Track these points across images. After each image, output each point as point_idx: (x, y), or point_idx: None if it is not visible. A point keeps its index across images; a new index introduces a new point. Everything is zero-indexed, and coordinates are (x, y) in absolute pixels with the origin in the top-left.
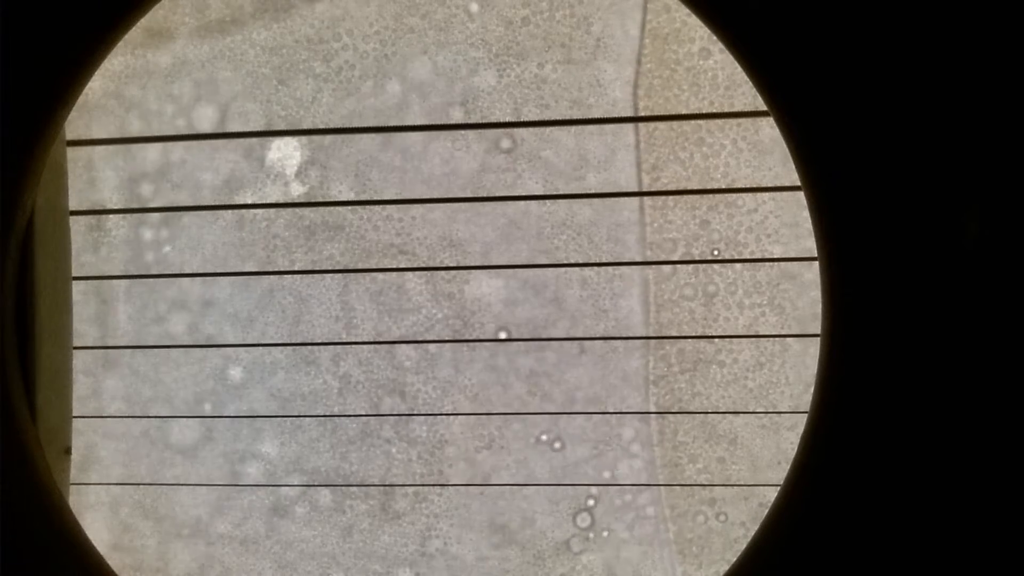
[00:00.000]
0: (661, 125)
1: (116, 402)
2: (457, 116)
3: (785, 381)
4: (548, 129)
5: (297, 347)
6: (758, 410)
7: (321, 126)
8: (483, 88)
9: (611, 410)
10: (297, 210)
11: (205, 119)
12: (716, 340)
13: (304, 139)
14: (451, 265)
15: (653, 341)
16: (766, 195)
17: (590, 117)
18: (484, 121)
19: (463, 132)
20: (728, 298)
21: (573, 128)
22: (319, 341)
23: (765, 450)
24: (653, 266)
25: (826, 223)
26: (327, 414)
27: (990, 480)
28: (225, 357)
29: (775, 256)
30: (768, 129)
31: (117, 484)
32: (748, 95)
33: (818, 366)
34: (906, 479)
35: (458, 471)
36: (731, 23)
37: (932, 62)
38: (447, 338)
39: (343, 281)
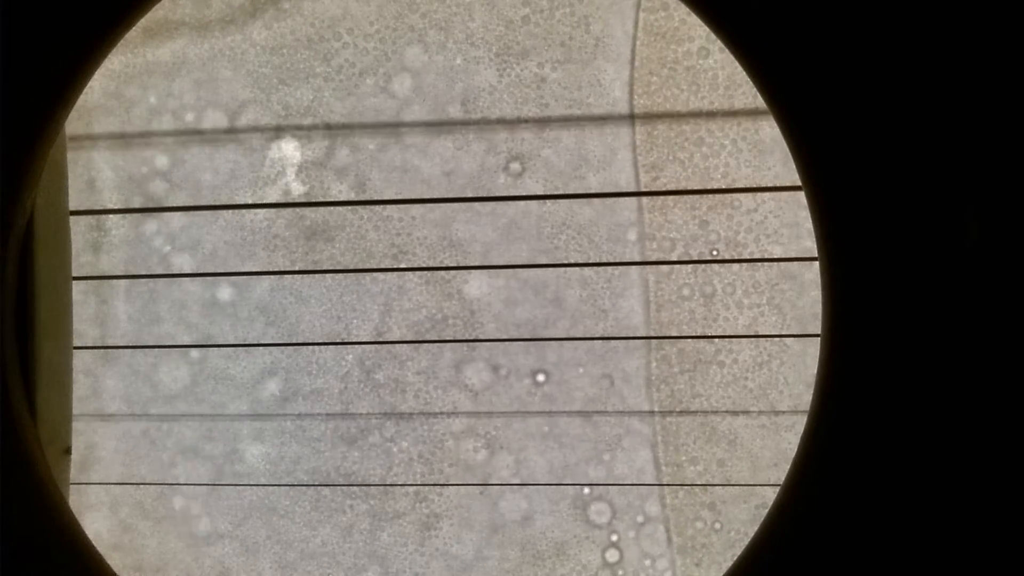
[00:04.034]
0: (661, 125)
1: (116, 402)
2: (457, 115)
3: (785, 381)
4: (548, 129)
5: (297, 347)
6: (758, 410)
7: (321, 126)
8: (483, 87)
9: (611, 410)
10: (297, 210)
11: (205, 119)
12: (716, 340)
13: (304, 139)
14: (451, 265)
15: (653, 341)
16: (766, 195)
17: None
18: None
19: (463, 132)
20: (728, 298)
21: (573, 128)
22: (319, 341)
23: (765, 450)
24: (653, 266)
25: (826, 223)
26: (327, 413)
27: (990, 480)
28: (225, 357)
29: (775, 256)
30: (768, 129)
31: (117, 484)
32: (748, 95)
33: (818, 366)
34: (906, 479)
35: (458, 471)
36: (731, 22)
37: (932, 62)
38: (447, 338)
39: (343, 281)
